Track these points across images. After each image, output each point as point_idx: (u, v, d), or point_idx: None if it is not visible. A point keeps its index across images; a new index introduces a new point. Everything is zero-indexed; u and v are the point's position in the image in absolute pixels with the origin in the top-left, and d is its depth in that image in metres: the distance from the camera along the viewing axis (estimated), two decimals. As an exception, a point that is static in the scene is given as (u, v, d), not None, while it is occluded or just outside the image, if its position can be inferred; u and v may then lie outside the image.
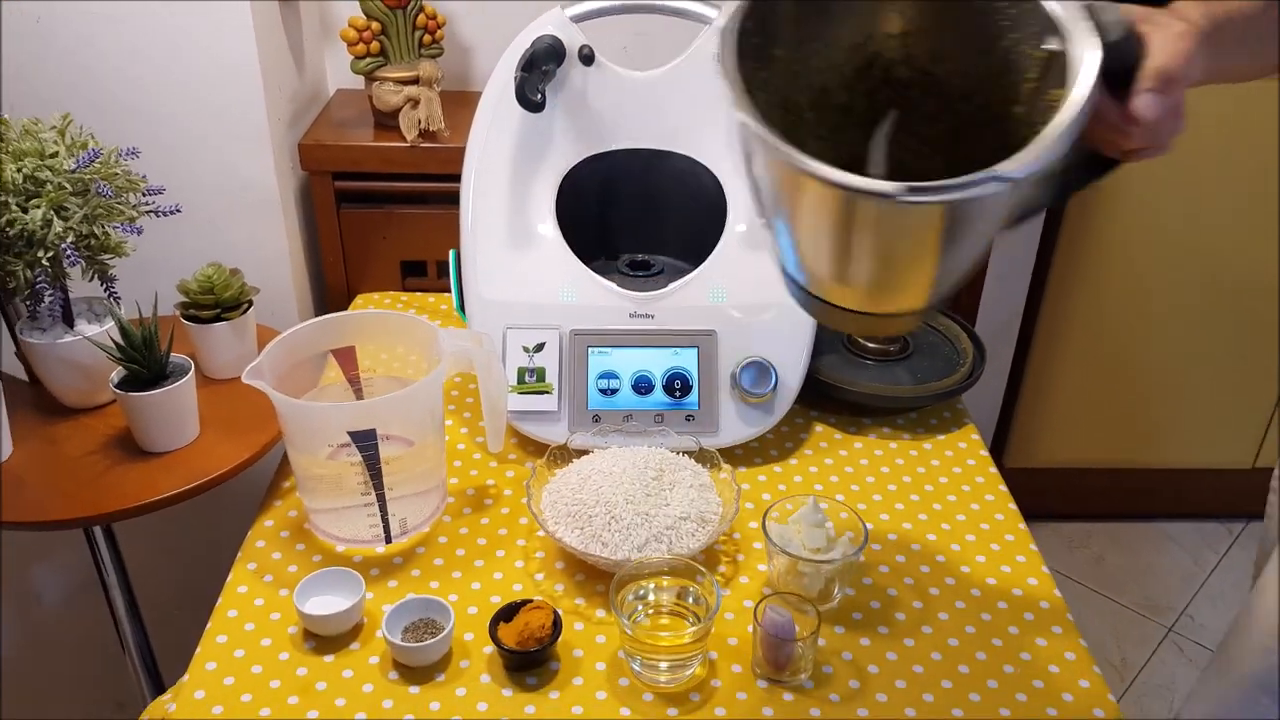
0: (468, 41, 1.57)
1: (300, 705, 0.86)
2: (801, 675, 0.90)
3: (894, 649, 0.94)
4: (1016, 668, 0.92)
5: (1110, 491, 2.21)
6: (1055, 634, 0.96)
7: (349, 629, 0.93)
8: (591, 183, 1.23)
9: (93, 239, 1.01)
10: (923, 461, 1.18)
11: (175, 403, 1.04)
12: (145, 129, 1.28)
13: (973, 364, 1.26)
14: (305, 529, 1.04)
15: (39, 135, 1.00)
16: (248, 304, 1.18)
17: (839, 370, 1.24)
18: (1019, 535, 1.08)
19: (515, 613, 0.92)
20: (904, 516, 1.10)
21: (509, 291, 1.16)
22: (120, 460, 1.05)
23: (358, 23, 1.39)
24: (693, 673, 0.90)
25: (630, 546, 0.95)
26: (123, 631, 1.28)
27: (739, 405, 1.14)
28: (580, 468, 1.04)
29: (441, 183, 1.41)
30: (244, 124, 1.32)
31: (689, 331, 1.15)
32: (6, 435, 1.05)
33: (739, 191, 1.19)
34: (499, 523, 1.07)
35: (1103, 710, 0.89)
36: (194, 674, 0.89)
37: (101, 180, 1.01)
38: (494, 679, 0.89)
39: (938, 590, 1.00)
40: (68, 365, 1.08)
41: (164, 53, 1.26)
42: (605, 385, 1.14)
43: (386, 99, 1.41)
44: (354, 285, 1.49)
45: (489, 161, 1.18)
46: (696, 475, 1.04)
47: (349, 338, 1.07)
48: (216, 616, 0.95)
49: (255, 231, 1.39)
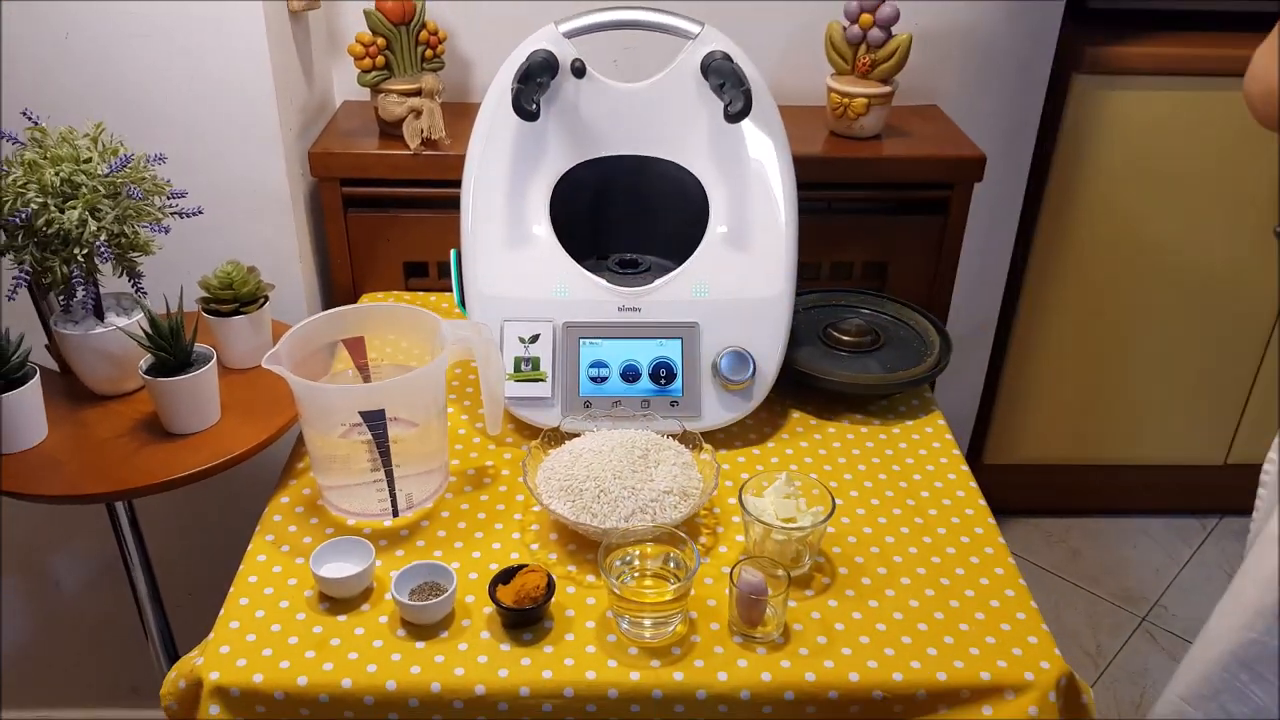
0: (467, 56, 1.65)
1: (316, 659, 0.95)
2: (773, 632, 0.98)
3: (858, 609, 1.02)
4: (970, 626, 1.00)
5: (1087, 487, 2.25)
6: (1008, 597, 1.04)
7: (360, 592, 1.01)
8: (583, 187, 1.31)
9: (123, 237, 1.10)
10: (891, 445, 1.26)
11: (199, 388, 1.13)
12: (169, 137, 1.36)
13: (939, 355, 1.35)
14: (319, 505, 1.13)
15: (74, 142, 1.09)
16: (264, 299, 1.26)
17: (815, 361, 1.33)
18: (978, 510, 1.16)
19: (513, 576, 1.00)
20: (872, 493, 1.18)
21: (506, 287, 1.24)
22: (147, 442, 1.14)
23: (364, 38, 1.48)
24: (674, 629, 0.98)
25: (618, 517, 1.04)
26: (144, 613, 1.36)
27: (720, 392, 1.23)
28: (572, 447, 1.13)
29: (442, 188, 1.48)
30: (258, 133, 1.40)
31: (673, 324, 1.23)
32: (43, 419, 1.14)
33: (720, 195, 1.28)
34: (497, 499, 1.15)
35: (1048, 663, 0.97)
36: (219, 632, 0.98)
37: (132, 184, 1.10)
38: (493, 635, 0.97)
39: (900, 558, 1.09)
40: (99, 355, 1.16)
41: (186, 67, 1.35)
42: (596, 374, 1.22)
43: (391, 110, 1.50)
44: (360, 285, 1.58)
45: (487, 167, 1.27)
46: (680, 455, 1.13)
47: (359, 328, 1.15)
48: (238, 582, 1.03)
49: (268, 233, 1.47)
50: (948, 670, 0.96)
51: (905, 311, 1.45)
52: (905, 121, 1.63)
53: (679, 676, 0.94)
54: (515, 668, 0.94)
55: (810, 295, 1.47)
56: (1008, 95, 1.73)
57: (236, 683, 0.93)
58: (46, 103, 1.29)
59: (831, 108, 1.56)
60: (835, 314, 1.44)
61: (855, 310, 1.46)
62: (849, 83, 1.53)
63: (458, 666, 0.94)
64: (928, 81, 1.69)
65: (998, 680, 0.95)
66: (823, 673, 0.95)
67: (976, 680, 0.95)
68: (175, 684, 0.96)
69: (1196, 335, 2.03)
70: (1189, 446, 2.18)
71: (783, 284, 1.24)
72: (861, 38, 1.51)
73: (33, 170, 1.05)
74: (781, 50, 1.65)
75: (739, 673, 0.94)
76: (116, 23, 1.31)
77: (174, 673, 0.97)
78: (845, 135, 1.57)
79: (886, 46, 1.50)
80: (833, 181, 1.53)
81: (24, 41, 1.31)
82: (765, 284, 1.24)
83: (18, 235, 1.07)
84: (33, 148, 1.08)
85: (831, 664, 0.96)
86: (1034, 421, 2.13)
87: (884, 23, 1.50)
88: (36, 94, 1.33)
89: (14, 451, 1.11)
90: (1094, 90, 1.76)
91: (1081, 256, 1.93)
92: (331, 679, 0.93)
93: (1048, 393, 2.09)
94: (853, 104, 1.52)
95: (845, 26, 1.53)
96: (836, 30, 1.54)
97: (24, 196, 1.04)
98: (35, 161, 1.06)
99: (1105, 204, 1.87)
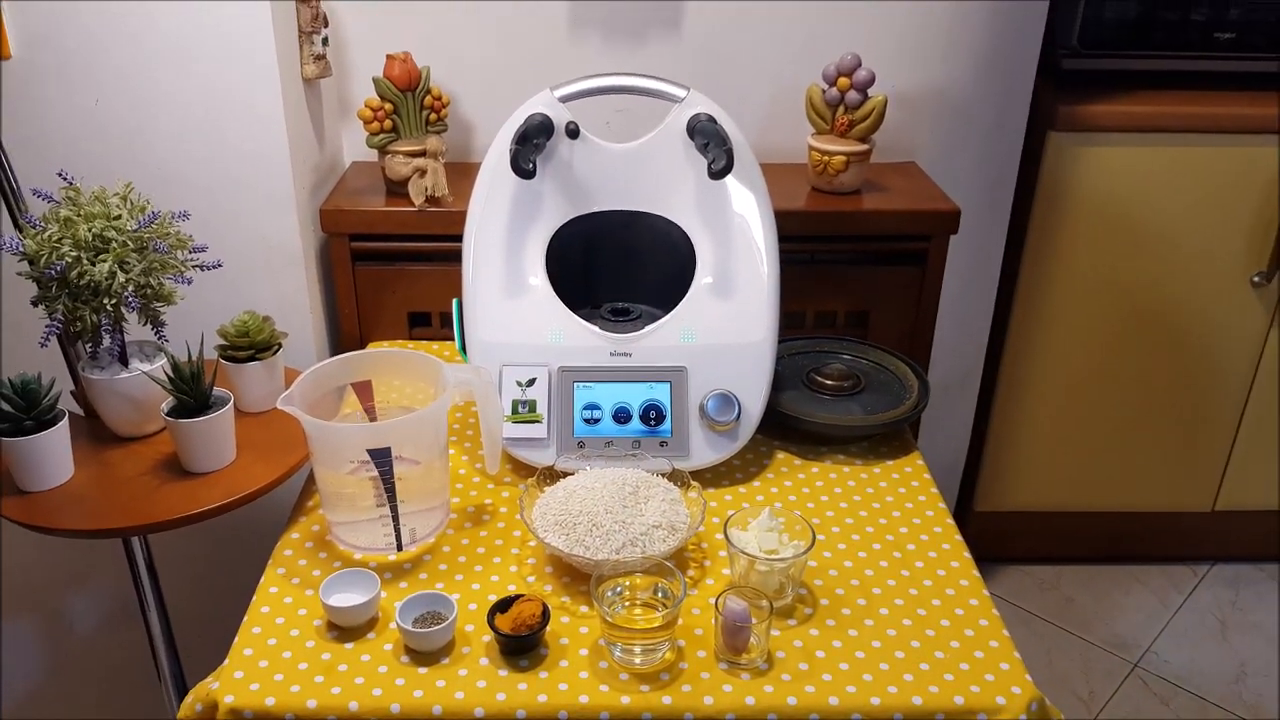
0: (467, 120, 1.74)
1: (325, 684, 1.00)
2: (757, 658, 1.03)
3: (839, 638, 1.06)
4: (946, 654, 1.05)
5: (1077, 534, 2.25)
6: (982, 626, 1.09)
7: (366, 621, 1.07)
8: (577, 240, 1.38)
9: (149, 289, 1.18)
10: (871, 484, 1.32)
11: (217, 428, 1.20)
12: (190, 197, 1.44)
13: (917, 398, 1.41)
14: (327, 540, 1.19)
15: (105, 200, 1.17)
16: (278, 346, 1.33)
17: (798, 404, 1.39)
18: (954, 544, 1.21)
19: (510, 605, 1.05)
20: (853, 529, 1.23)
21: (504, 334, 1.31)
22: (167, 480, 1.20)
23: (373, 103, 1.57)
24: (663, 656, 1.03)
25: (609, 549, 1.09)
26: (157, 654, 1.41)
27: (707, 433, 1.29)
28: (567, 484, 1.19)
29: (444, 242, 1.55)
30: (273, 193, 1.48)
31: (662, 368, 1.29)
32: (69, 459, 1.21)
33: (706, 247, 1.35)
34: (495, 535, 1.21)
35: (1019, 688, 1.01)
36: (233, 659, 1.03)
37: (158, 238, 1.18)
38: (492, 661, 1.02)
39: (879, 590, 1.14)
40: (122, 399, 1.23)
41: (207, 132, 1.43)
42: (589, 415, 1.29)
43: (397, 169, 1.58)
44: (366, 334, 1.65)
45: (487, 221, 1.34)
46: (668, 492, 1.19)
47: (366, 372, 1.22)
48: (251, 612, 1.09)
49: (281, 286, 1.54)
50: (923, 695, 1.00)
51: (886, 357, 1.51)
52: (883, 177, 1.71)
53: (667, 701, 0.98)
54: (513, 692, 0.99)
55: (795, 342, 1.54)
56: (984, 151, 1.81)
57: (250, 705, 0.98)
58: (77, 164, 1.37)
59: (813, 165, 1.64)
60: (818, 359, 1.50)
61: (837, 356, 1.52)
62: (829, 141, 1.62)
63: (458, 691, 0.99)
64: (905, 139, 1.78)
65: (970, 704, 0.99)
66: (804, 697, 0.99)
67: (950, 704, 0.99)
68: (192, 708, 1.01)
69: (1180, 382, 2.06)
70: (1177, 493, 2.20)
71: (766, 329, 1.31)
72: (840, 100, 1.60)
73: (67, 226, 1.13)
74: (765, 111, 1.73)
75: (725, 697, 0.99)
76: (143, 91, 1.40)
77: (190, 697, 1.02)
78: (826, 190, 1.65)
79: (863, 108, 1.59)
80: (815, 234, 1.61)
81: (56, 106, 1.40)
82: (749, 330, 1.31)
83: (51, 287, 1.15)
84: (67, 206, 1.16)
85: (813, 689, 1.00)
86: (1023, 468, 2.15)
87: (860, 86, 1.58)
88: (68, 156, 1.41)
89: (42, 489, 1.18)
90: (1069, 147, 1.82)
91: (1063, 306, 1.97)
92: (339, 702, 0.98)
93: (1035, 439, 2.12)
94: (832, 161, 1.60)
95: (824, 89, 1.62)
96: (816, 93, 1.63)
97: (59, 250, 1.12)
98: (70, 218, 1.14)
99: (1084, 255, 1.92)
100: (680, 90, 1.36)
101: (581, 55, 1.68)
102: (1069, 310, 1.98)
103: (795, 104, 1.68)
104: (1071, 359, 2.03)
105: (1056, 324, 1.99)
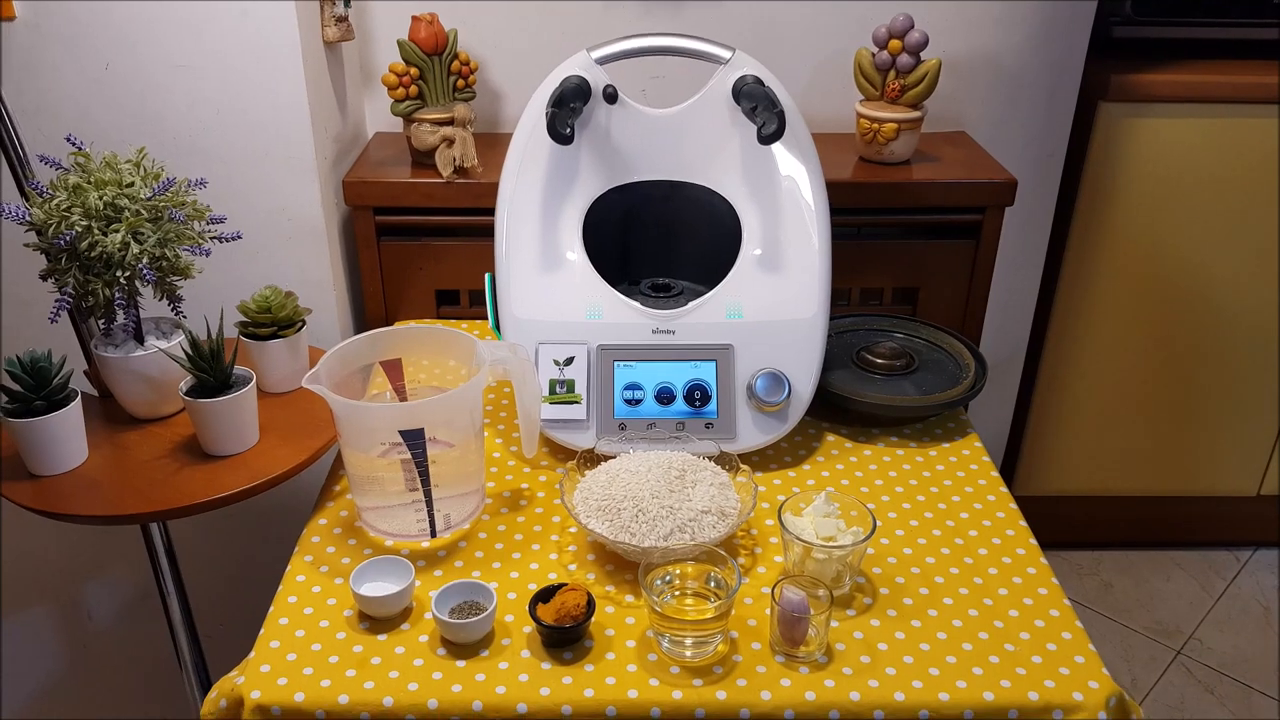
0: (496, 87, 1.67)
1: (357, 678, 0.94)
2: (816, 651, 0.97)
3: (901, 629, 1.01)
4: (1016, 646, 0.99)
5: (1118, 520, 2.23)
6: (1053, 616, 1.03)
7: (400, 611, 1.01)
8: (615, 211, 1.32)
9: (165, 260, 1.11)
10: (928, 467, 1.26)
11: (239, 409, 1.13)
12: (206, 167, 1.38)
13: (975, 377, 1.34)
14: (356, 526, 1.13)
15: (117, 166, 1.10)
16: (301, 323, 1.27)
17: (849, 384, 1.32)
18: (1019, 531, 1.15)
19: (552, 594, 0.99)
20: (910, 515, 1.17)
21: (541, 311, 1.25)
22: (187, 463, 1.14)
23: (397, 68, 1.50)
24: (715, 648, 0.97)
25: (656, 536, 1.03)
26: (178, 642, 1.35)
27: (755, 414, 1.22)
28: (609, 468, 1.12)
29: (474, 216, 1.50)
30: (294, 162, 1.42)
31: (708, 346, 1.23)
32: (83, 442, 1.14)
33: (752, 218, 1.29)
34: (534, 520, 1.15)
35: (1097, 682, 0.95)
36: (259, 651, 0.97)
37: (173, 207, 1.11)
38: (533, 654, 0.97)
39: (942, 579, 1.08)
40: (138, 378, 1.17)
41: (223, 97, 1.37)
42: (630, 396, 1.22)
43: (423, 139, 1.51)
44: (392, 312, 1.59)
45: (521, 191, 1.28)
46: (716, 475, 1.12)
47: (396, 350, 1.16)
48: (278, 602, 1.03)
49: (302, 261, 1.48)
50: (994, 690, 0.94)
51: (939, 335, 1.44)
52: (934, 147, 1.64)
53: (722, 695, 0.93)
54: (557, 686, 0.94)
55: (843, 320, 1.47)
56: (1035, 122, 1.74)
57: (278, 701, 0.92)
58: (88, 132, 1.31)
59: (861, 133, 1.57)
60: (869, 338, 1.44)
61: (889, 334, 1.46)
62: (879, 108, 1.55)
63: (499, 685, 0.94)
64: (955, 109, 1.71)
65: (1046, 700, 0.94)
66: (867, 692, 0.94)
67: (1024, 700, 0.94)
68: (216, 703, 0.96)
69: (1228, 362, 2.02)
70: (1221, 477, 2.17)
71: (817, 305, 1.24)
72: (890, 63, 1.53)
73: (77, 194, 1.07)
74: (810, 77, 1.66)
75: (783, 692, 0.93)
76: (155, 54, 1.34)
77: (215, 692, 0.97)
78: (875, 160, 1.58)
79: (916, 72, 1.52)
80: (863, 207, 1.54)
81: (65, 71, 1.33)
82: (799, 305, 1.24)
83: (61, 258, 1.09)
84: (76, 172, 1.09)
85: (876, 684, 0.95)
86: (1064, 452, 2.12)
87: (913, 48, 1.51)
88: (79, 123, 1.35)
89: (55, 473, 1.12)
90: (1120, 118, 1.77)
91: (1111, 283, 1.93)
92: (373, 697, 0.92)
93: (1078, 423, 2.08)
94: (883, 129, 1.53)
95: (874, 53, 1.55)
96: (865, 56, 1.56)
97: (68, 220, 1.06)
98: (80, 185, 1.07)
99: (1134, 229, 1.87)
100: (725, 51, 1.29)
101: (618, 19, 1.60)
102: (1116, 288, 1.93)
103: (842, 69, 1.61)
104: (1117, 339, 1.99)
105: (1103, 302, 1.95)
